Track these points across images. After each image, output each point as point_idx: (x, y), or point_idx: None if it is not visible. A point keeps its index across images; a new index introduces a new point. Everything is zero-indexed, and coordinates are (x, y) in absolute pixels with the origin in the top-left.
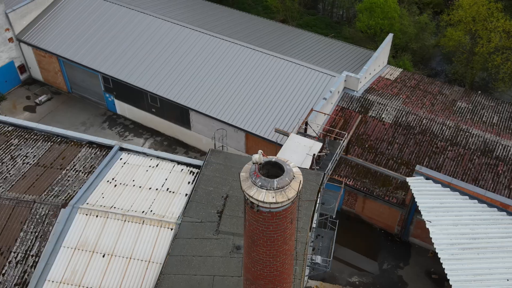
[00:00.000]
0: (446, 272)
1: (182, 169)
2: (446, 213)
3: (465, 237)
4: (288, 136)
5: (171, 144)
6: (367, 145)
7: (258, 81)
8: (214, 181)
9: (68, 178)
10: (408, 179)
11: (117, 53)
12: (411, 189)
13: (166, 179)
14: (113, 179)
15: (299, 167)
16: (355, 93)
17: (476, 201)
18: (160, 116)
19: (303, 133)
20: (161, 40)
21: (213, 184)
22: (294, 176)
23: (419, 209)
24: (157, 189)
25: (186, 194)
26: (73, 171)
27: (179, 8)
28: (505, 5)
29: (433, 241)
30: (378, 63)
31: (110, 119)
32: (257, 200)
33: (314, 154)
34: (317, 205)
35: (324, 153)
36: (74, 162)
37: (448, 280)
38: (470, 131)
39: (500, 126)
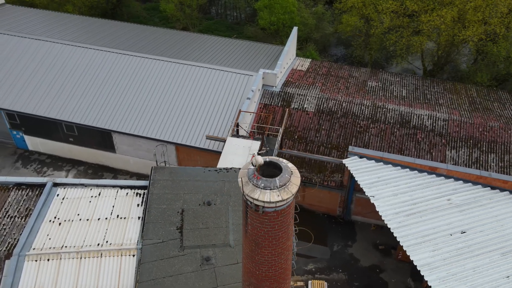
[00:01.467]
0: (398, 239)
1: (127, 193)
2: (385, 186)
3: (407, 204)
4: (220, 141)
5: (97, 171)
6: (296, 136)
7: (179, 92)
8: (165, 198)
9: (4, 227)
10: (344, 161)
11: (19, 85)
12: (348, 170)
13: (113, 206)
14: (55, 217)
15: (240, 169)
16: (274, 88)
17: (407, 169)
18: (79, 144)
19: (238, 135)
20: (66, 65)
21: (165, 202)
22: (292, 171)
23: (361, 186)
24: (106, 218)
25: (139, 217)
26: (7, 217)
27: (76, 30)
28: None
29: (380, 213)
30: (289, 56)
31: (23, 157)
32: (263, 201)
33: (255, 153)
34: None
35: (265, 150)
36: (5, 208)
37: (394, 247)
38: (386, 107)
39: (410, 98)
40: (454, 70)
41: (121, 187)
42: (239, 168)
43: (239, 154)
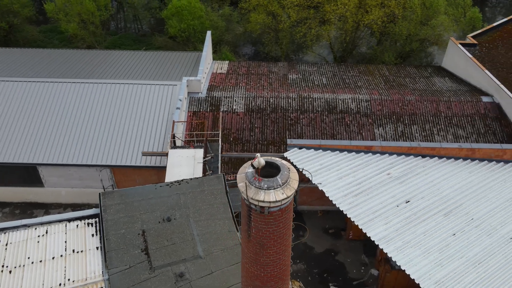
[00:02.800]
0: (352, 219)
1: (77, 225)
2: (329, 171)
3: (352, 185)
4: (158, 156)
5: (25, 210)
6: (231, 138)
7: (104, 112)
8: (122, 223)
9: None
10: (285, 154)
11: None
12: (291, 162)
13: (66, 242)
14: (3, 266)
15: (194, 178)
16: (200, 94)
17: (345, 152)
18: (0, 184)
19: (177, 146)
20: None
21: (122, 226)
22: (289, 168)
23: (306, 175)
24: (62, 255)
25: (97, 247)
26: None
27: None
28: None
29: (330, 198)
30: (207, 61)
31: None
32: (269, 202)
33: (205, 160)
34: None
35: (210, 157)
36: None
37: (343, 229)
38: (311, 96)
39: (331, 84)
40: (362, 53)
41: (69, 220)
42: (191, 179)
43: (185, 165)
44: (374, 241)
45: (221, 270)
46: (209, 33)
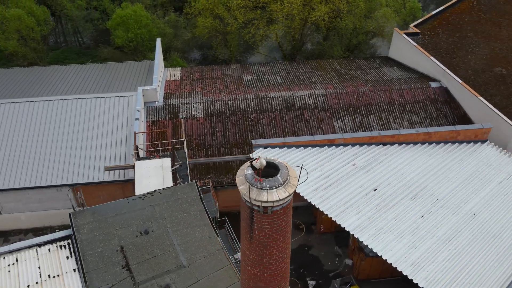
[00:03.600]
0: (325, 212)
1: (49, 249)
2: (294, 168)
3: (321, 179)
4: (122, 169)
5: None
6: (194, 145)
7: (61, 130)
8: (97, 241)
9: None
10: (251, 155)
11: None
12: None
13: (39, 268)
14: None
15: (166, 187)
16: (157, 103)
17: (310, 147)
18: None
19: (143, 157)
20: None
21: (99, 245)
22: (286, 166)
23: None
24: (37, 282)
25: (75, 269)
26: None
27: None
28: None
29: (301, 194)
30: (160, 69)
31: None
32: (272, 201)
33: (174, 169)
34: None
35: (178, 165)
36: None
37: (313, 223)
38: (268, 95)
39: (286, 82)
40: (310, 50)
41: (40, 244)
42: (163, 189)
43: (154, 175)
44: (349, 231)
45: (207, 277)
46: (158, 40)
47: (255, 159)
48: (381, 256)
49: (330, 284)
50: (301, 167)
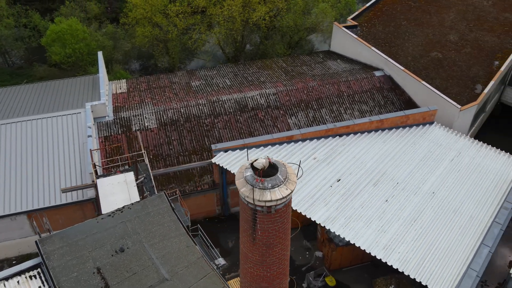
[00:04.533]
0: (294, 208)
1: (18, 281)
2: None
3: None
4: (80, 189)
5: None
6: (151, 156)
7: (9, 155)
8: (71, 266)
9: None
10: (213, 160)
11: None
12: (217, 167)
13: None
14: None
15: (135, 202)
16: (107, 118)
17: (269, 146)
18: None
19: (103, 174)
20: None
21: (73, 270)
22: (283, 163)
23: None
24: None
25: None
26: None
27: None
28: None
29: None
30: (106, 83)
31: None
32: (276, 200)
33: (140, 182)
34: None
35: (142, 178)
36: None
37: None
38: (220, 99)
39: (235, 84)
40: (253, 50)
41: (7, 278)
42: (132, 204)
43: (119, 191)
44: (319, 223)
45: (191, 286)
46: (100, 54)
47: (255, 160)
48: (353, 244)
49: (304, 278)
50: (299, 165)
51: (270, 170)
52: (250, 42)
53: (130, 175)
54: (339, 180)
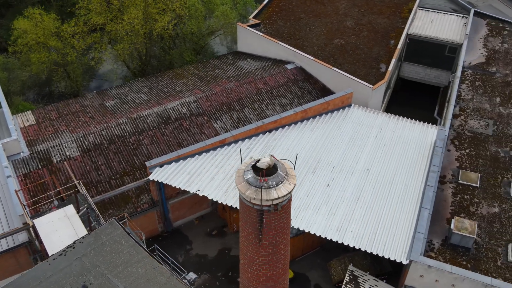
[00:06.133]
0: None
1: None
2: (199, 176)
3: (225, 180)
4: (10, 235)
5: None
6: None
7: None
8: None
9: None
10: (151, 177)
11: None
12: (159, 183)
13: None
14: None
15: (86, 234)
16: (22, 154)
17: (204, 153)
18: None
19: (38, 213)
20: None
21: None
22: (279, 160)
23: (182, 188)
24: None
25: None
26: None
27: None
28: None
29: (215, 200)
30: (11, 117)
31: None
32: (282, 196)
33: (84, 213)
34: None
35: (85, 208)
36: None
37: (224, 225)
38: (141, 115)
39: (152, 98)
40: (160, 61)
41: None
42: (83, 237)
43: (62, 227)
44: None
45: None
46: None
47: (257, 161)
48: (302, 233)
49: None
50: (296, 157)
51: (269, 168)
52: (156, 53)
53: (70, 209)
54: None
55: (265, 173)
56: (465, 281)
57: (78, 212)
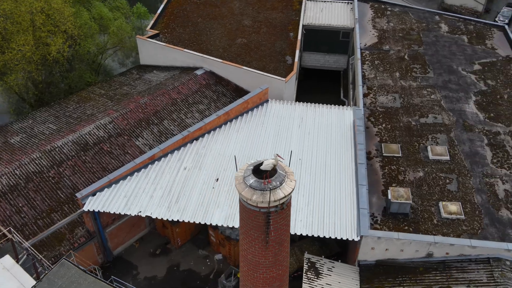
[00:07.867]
0: (192, 221)
1: None
2: (137, 197)
3: (166, 195)
4: None
5: None
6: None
7: None
8: None
9: None
10: (85, 207)
11: None
12: (94, 212)
13: None
14: None
15: (38, 282)
16: None
17: (135, 173)
18: None
19: None
20: None
21: None
22: (273, 158)
23: (122, 213)
24: None
25: None
26: None
27: None
28: None
29: (159, 218)
30: None
31: None
32: (288, 194)
33: (30, 260)
34: None
35: (25, 255)
36: None
37: (167, 242)
38: (56, 145)
39: (63, 126)
40: (59, 87)
41: None
42: (34, 285)
43: (3, 281)
44: (220, 225)
45: None
46: None
47: (259, 164)
48: None
49: (218, 284)
50: (291, 153)
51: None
52: (54, 79)
53: (7, 259)
54: (217, 179)
55: (259, 176)
56: (412, 244)
57: (17, 261)
